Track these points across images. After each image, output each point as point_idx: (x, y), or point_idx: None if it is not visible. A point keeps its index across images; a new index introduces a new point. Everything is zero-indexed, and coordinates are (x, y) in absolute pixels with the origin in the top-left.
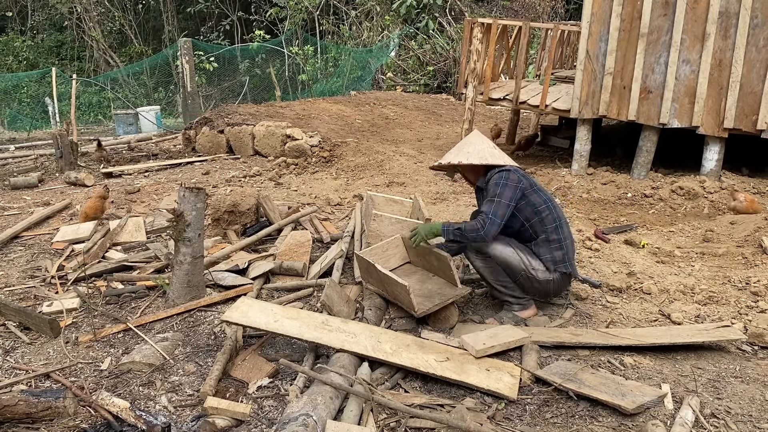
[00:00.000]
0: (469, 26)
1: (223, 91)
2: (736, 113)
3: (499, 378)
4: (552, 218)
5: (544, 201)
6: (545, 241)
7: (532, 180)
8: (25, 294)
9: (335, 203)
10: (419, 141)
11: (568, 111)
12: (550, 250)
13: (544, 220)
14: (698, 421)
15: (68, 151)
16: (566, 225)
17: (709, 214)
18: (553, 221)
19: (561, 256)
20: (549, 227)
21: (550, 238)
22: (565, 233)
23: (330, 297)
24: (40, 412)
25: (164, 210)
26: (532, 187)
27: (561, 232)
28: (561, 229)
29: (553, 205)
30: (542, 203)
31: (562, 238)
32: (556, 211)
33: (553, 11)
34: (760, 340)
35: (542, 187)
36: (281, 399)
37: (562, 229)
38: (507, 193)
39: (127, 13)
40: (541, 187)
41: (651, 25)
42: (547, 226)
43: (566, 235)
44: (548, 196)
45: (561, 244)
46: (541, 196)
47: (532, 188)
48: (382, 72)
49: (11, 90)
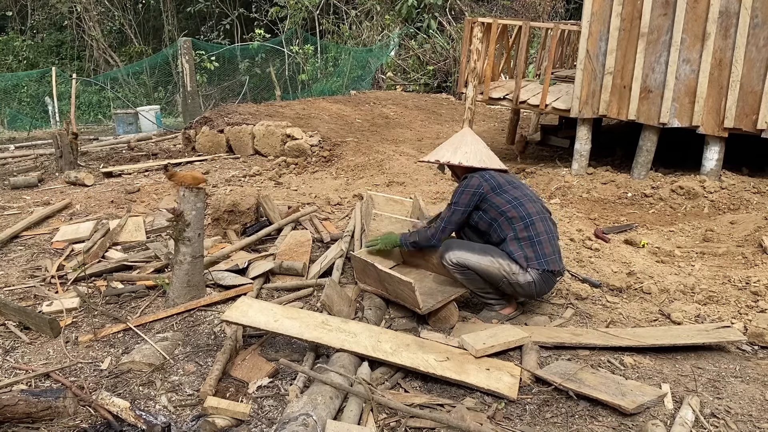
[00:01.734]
0: (469, 26)
1: (222, 91)
2: (736, 113)
3: (499, 378)
4: (520, 216)
5: (509, 201)
6: (514, 239)
7: (500, 180)
8: (25, 294)
9: (335, 203)
10: (419, 141)
11: (568, 110)
12: (521, 247)
13: (511, 219)
14: (698, 421)
15: (68, 150)
16: (542, 221)
17: (709, 213)
18: (521, 219)
19: (532, 253)
20: (517, 225)
21: (519, 236)
22: (538, 230)
23: (330, 297)
24: (40, 411)
25: (164, 210)
26: (496, 189)
27: (532, 229)
28: (532, 226)
29: (520, 204)
30: (506, 203)
31: (533, 235)
32: (524, 209)
33: (553, 11)
34: (760, 339)
35: (516, 184)
36: (281, 399)
37: (533, 225)
38: (463, 199)
39: (127, 12)
40: (515, 185)
41: (651, 25)
42: (514, 224)
43: (540, 231)
44: (519, 194)
45: (532, 241)
46: (505, 196)
47: (494, 191)
48: (382, 71)
49: (11, 89)
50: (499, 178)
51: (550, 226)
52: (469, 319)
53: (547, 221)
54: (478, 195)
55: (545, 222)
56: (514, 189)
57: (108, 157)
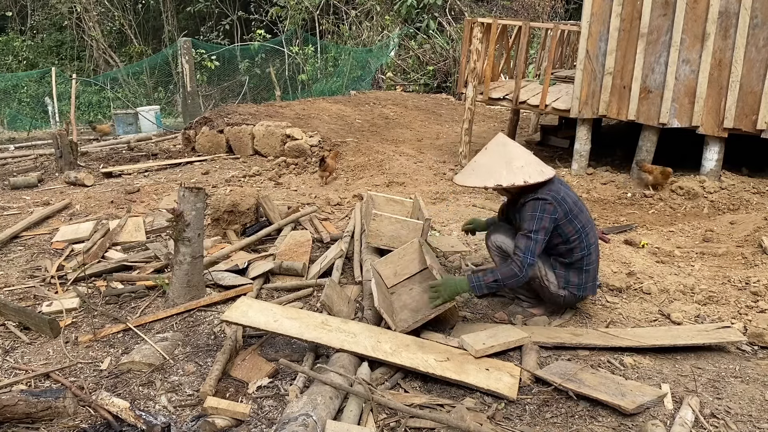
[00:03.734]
0: (469, 26)
1: (222, 91)
2: (735, 113)
3: (499, 378)
4: (582, 247)
5: (578, 230)
6: (566, 263)
7: (570, 202)
8: (24, 294)
9: (335, 203)
10: (419, 141)
11: (568, 111)
12: (569, 273)
13: (572, 249)
14: (698, 421)
15: (68, 150)
16: (595, 250)
17: (709, 214)
18: (582, 250)
19: (577, 280)
20: (576, 255)
21: (573, 263)
22: (591, 260)
23: (330, 297)
24: (40, 412)
25: (164, 210)
26: (568, 215)
27: (587, 259)
28: (588, 257)
29: (586, 232)
30: (575, 233)
31: (584, 264)
32: (587, 239)
33: (553, 11)
34: (759, 340)
35: (580, 206)
36: (281, 399)
37: (589, 256)
38: (542, 225)
39: (127, 12)
40: (580, 207)
41: (651, 25)
42: (574, 254)
43: (591, 261)
44: (584, 220)
45: (581, 270)
46: (575, 224)
47: (566, 217)
48: (382, 72)
49: (11, 90)
50: (567, 198)
51: (598, 252)
52: (469, 319)
53: (598, 248)
54: (554, 221)
55: (597, 251)
56: (581, 213)
57: (108, 158)
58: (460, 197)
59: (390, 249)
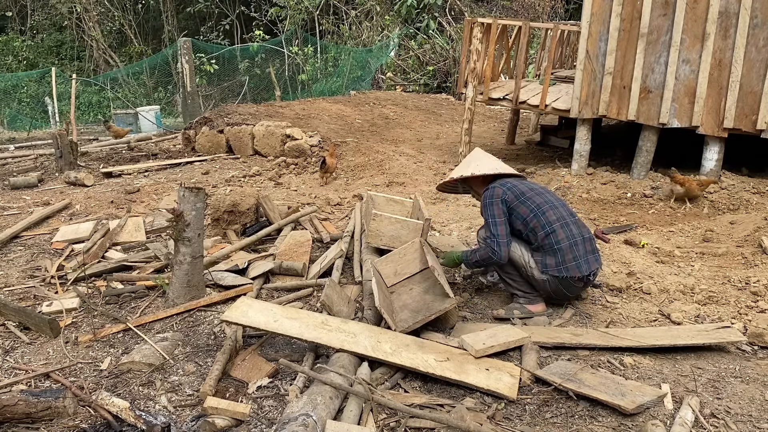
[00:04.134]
0: (468, 26)
1: (222, 91)
2: (735, 113)
3: (499, 378)
4: (541, 225)
5: (532, 210)
6: (539, 247)
7: (524, 189)
8: (24, 294)
9: (335, 203)
10: (419, 141)
11: (568, 111)
12: (543, 255)
13: (534, 230)
14: (698, 421)
15: (68, 150)
16: (564, 227)
17: (709, 214)
18: (542, 228)
19: (553, 261)
20: (539, 234)
21: (542, 245)
22: (558, 237)
23: (330, 297)
24: (40, 412)
25: (164, 210)
26: (519, 197)
27: (553, 237)
28: (553, 234)
29: (542, 212)
30: (529, 212)
31: (553, 242)
32: (545, 218)
33: (553, 11)
34: (759, 340)
35: (539, 191)
36: (281, 399)
37: (554, 233)
38: (494, 210)
39: (127, 12)
40: (537, 191)
41: (651, 25)
42: (537, 234)
43: (560, 239)
44: (540, 201)
45: (553, 249)
46: (528, 205)
47: (518, 199)
48: (382, 72)
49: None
50: (520, 185)
51: (572, 230)
52: (468, 318)
53: (570, 226)
54: (504, 202)
55: (567, 228)
56: (537, 196)
57: (108, 158)
58: (460, 198)
59: (390, 249)
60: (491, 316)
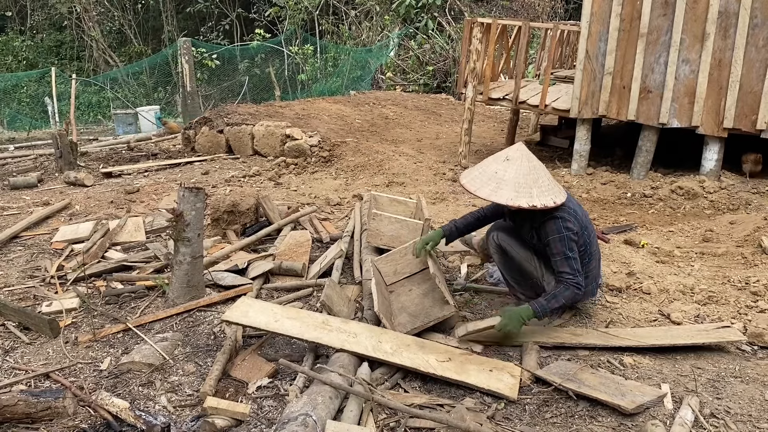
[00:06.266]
0: (468, 26)
1: (222, 91)
2: (735, 113)
3: (499, 378)
4: (586, 254)
5: (584, 242)
6: None
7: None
8: (24, 294)
9: (335, 203)
10: (419, 141)
11: (568, 111)
12: None
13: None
14: (698, 421)
15: (68, 150)
16: (596, 258)
17: (709, 214)
18: (585, 257)
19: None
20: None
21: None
22: (590, 267)
23: (330, 297)
24: (40, 412)
25: (164, 210)
26: (583, 230)
27: (586, 267)
28: (588, 264)
29: (590, 242)
30: (582, 244)
31: (586, 271)
32: (590, 249)
33: (553, 11)
34: (759, 340)
35: (584, 212)
36: (281, 399)
37: (589, 263)
38: (572, 245)
39: (127, 12)
40: (584, 213)
41: (650, 25)
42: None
43: (591, 268)
44: (590, 230)
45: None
46: (585, 237)
47: (583, 231)
48: (382, 72)
49: (11, 90)
50: (579, 211)
51: (599, 255)
52: (469, 319)
53: (599, 251)
54: (577, 234)
55: (599, 258)
56: (584, 217)
57: (107, 158)
58: (459, 197)
59: (390, 249)
60: (491, 316)
